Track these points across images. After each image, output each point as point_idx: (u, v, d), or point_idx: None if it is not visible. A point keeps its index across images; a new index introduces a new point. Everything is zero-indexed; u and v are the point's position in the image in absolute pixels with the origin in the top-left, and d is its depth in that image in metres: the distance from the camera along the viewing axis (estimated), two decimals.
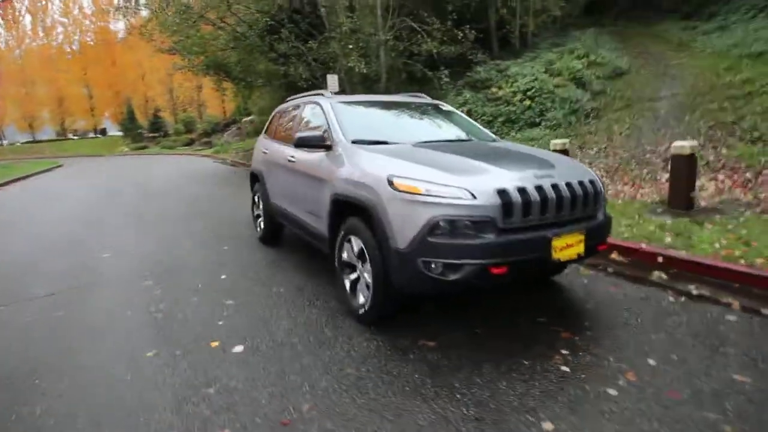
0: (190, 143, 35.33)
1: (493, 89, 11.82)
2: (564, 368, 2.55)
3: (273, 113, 5.71)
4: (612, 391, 2.34)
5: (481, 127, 4.47)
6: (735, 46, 12.23)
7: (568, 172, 3.02)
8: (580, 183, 2.94)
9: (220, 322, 3.30)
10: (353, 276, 3.28)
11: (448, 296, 3.54)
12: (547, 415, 2.16)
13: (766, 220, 4.66)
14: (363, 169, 3.12)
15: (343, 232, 3.28)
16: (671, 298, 3.50)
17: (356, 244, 3.14)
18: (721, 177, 6.19)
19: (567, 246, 2.78)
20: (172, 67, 18.37)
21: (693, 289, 3.65)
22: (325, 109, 4.03)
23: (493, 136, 4.30)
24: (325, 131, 3.76)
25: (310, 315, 3.38)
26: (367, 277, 3.05)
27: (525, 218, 2.68)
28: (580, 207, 2.92)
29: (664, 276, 3.96)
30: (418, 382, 2.46)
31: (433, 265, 2.64)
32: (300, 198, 4.13)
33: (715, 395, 2.28)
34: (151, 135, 38.36)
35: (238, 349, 2.90)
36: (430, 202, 2.65)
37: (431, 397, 2.31)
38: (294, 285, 4.03)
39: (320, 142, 3.64)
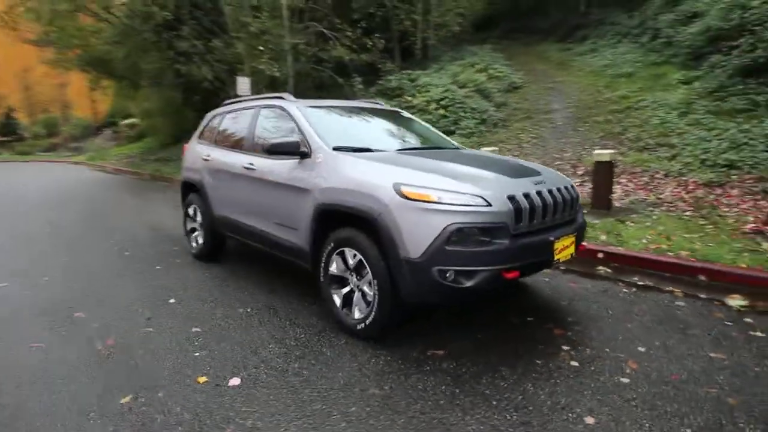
0: (51, 149, 31.14)
1: (407, 98, 12.14)
2: (573, 363, 2.68)
3: (208, 117, 5.23)
4: (625, 380, 2.50)
5: (440, 134, 4.55)
6: (608, 66, 14.00)
7: (553, 178, 3.20)
8: (566, 188, 3.13)
9: (196, 354, 2.90)
10: (345, 290, 3.12)
11: (455, 304, 3.52)
12: (583, 409, 2.24)
13: (676, 217, 5.40)
14: (357, 177, 2.98)
15: (332, 244, 3.10)
16: (624, 290, 3.87)
17: (351, 256, 2.99)
18: (623, 180, 7.03)
19: (564, 248, 2.93)
20: (40, 60, 16.02)
21: (638, 281, 4.08)
22: (293, 113, 3.78)
23: (454, 143, 4.40)
24: (298, 138, 3.52)
25: (298, 335, 3.13)
26: (368, 289, 2.92)
27: (531, 223, 2.78)
28: (569, 210, 3.11)
29: (609, 270, 4.38)
30: (447, 393, 2.40)
31: (448, 274, 2.60)
32: (264, 209, 3.83)
33: (706, 373, 2.56)
34: (2, 139, 33.02)
35: (235, 382, 2.57)
36: (444, 210, 2.62)
37: (469, 408, 2.27)
38: (262, 304, 3.71)
39: (296, 149, 3.41)
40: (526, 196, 2.78)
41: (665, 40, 12.95)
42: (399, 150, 3.54)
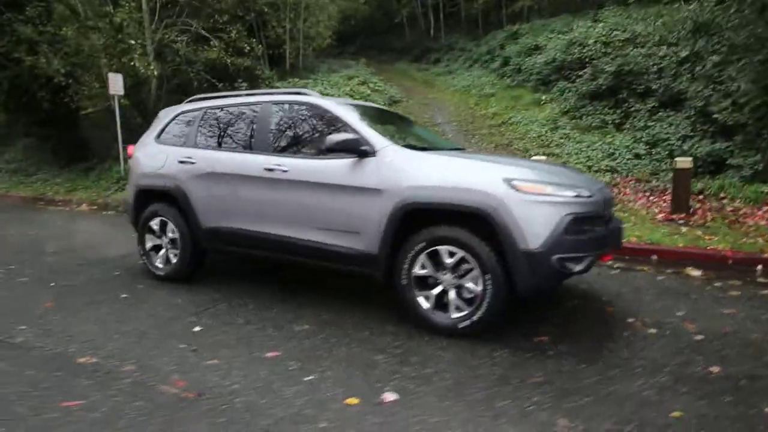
0: None
1: None
2: (651, 330, 3.08)
3: (168, 115, 4.49)
4: (698, 336, 2.97)
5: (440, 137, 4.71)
6: (470, 87, 15.73)
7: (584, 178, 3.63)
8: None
9: (312, 377, 2.52)
10: (436, 290, 3.04)
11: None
12: (696, 363, 2.62)
13: None
14: (453, 174, 2.98)
15: (423, 244, 3.01)
16: (610, 272, 4.53)
17: (447, 254, 2.96)
18: None
19: None
20: None
21: (612, 264, 4.80)
22: (333, 110, 3.54)
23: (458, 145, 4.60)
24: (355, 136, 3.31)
25: (395, 347, 2.92)
26: (472, 286, 2.91)
27: (609, 213, 3.13)
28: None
29: None
30: (580, 368, 2.56)
31: (565, 261, 2.78)
32: (301, 215, 3.49)
33: (738, 323, 3.20)
34: None
35: (391, 397, 2.32)
36: (559, 201, 2.81)
37: (603, 371, 2.48)
38: (315, 320, 3.35)
39: (357, 147, 3.21)
40: (600, 189, 3.13)
41: (515, 67, 15.05)
42: (450, 150, 3.60)
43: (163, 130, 4.45)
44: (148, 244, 4.40)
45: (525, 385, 2.43)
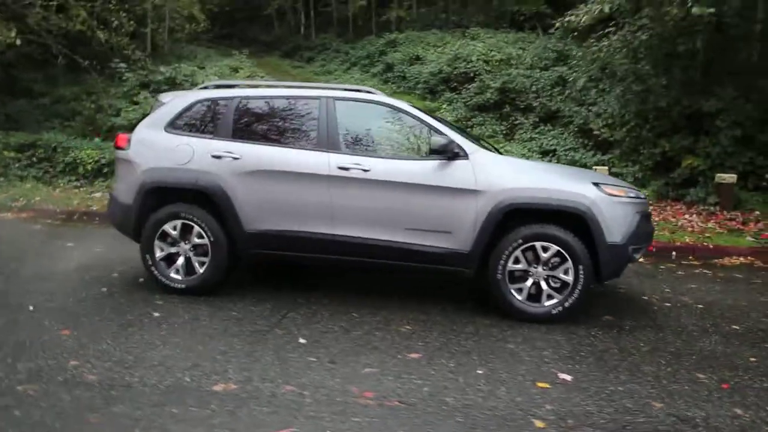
0: None
1: None
2: (665, 303, 3.90)
3: (187, 100, 3.91)
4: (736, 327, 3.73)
5: None
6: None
7: None
8: None
9: (482, 371, 2.63)
10: (529, 282, 3.39)
11: None
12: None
13: None
14: (547, 178, 3.41)
15: (520, 241, 3.33)
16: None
17: (542, 249, 3.33)
18: None
19: None
20: None
21: None
22: (411, 112, 3.62)
23: None
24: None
25: (512, 336, 3.20)
26: (565, 277, 3.33)
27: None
28: None
29: None
30: (659, 346, 3.21)
31: (634, 251, 3.40)
32: (387, 216, 3.50)
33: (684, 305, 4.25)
34: None
35: (568, 377, 2.60)
36: (631, 201, 3.43)
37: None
38: (408, 320, 3.40)
39: (453, 150, 3.37)
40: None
41: (400, 74, 15.98)
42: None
43: (177, 117, 3.86)
44: (159, 253, 3.78)
45: (628, 350, 2.98)
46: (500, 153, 4.46)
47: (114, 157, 4.24)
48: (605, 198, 3.36)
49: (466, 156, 3.46)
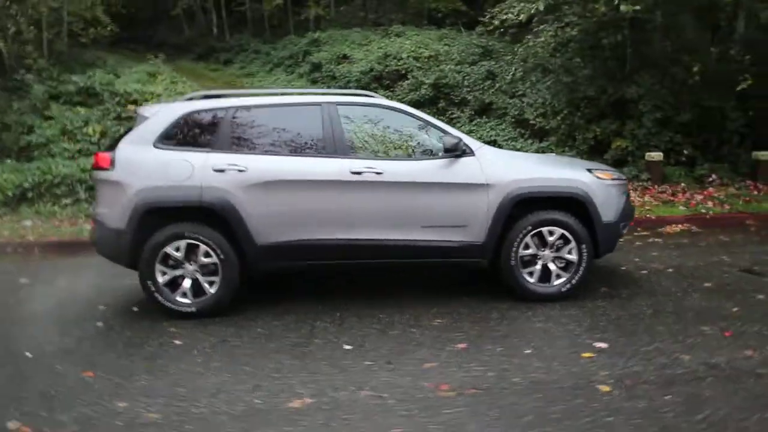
0: None
1: (130, 107, 10.09)
2: (642, 271, 4.38)
3: (176, 113, 3.68)
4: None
5: None
6: (285, 87, 15.85)
7: None
8: None
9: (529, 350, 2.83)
10: (539, 265, 3.66)
11: None
12: None
13: None
14: (548, 168, 3.73)
15: (529, 227, 3.58)
16: None
17: (548, 233, 3.61)
18: None
19: None
20: None
21: None
22: (413, 113, 3.77)
23: None
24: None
25: (543, 314, 3.44)
26: (570, 256, 3.64)
27: None
28: None
29: None
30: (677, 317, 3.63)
31: (623, 228, 3.81)
32: (403, 216, 3.59)
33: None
34: None
35: (604, 344, 2.88)
36: (618, 183, 3.83)
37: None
38: (433, 314, 3.52)
39: (461, 148, 3.54)
40: None
41: (329, 74, 15.93)
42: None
43: (167, 132, 3.63)
44: (162, 278, 3.55)
45: (637, 315, 3.36)
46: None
47: (93, 179, 3.89)
48: (598, 182, 3.72)
49: (472, 153, 3.64)
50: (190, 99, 3.92)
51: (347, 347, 3.03)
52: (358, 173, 3.55)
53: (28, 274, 5.03)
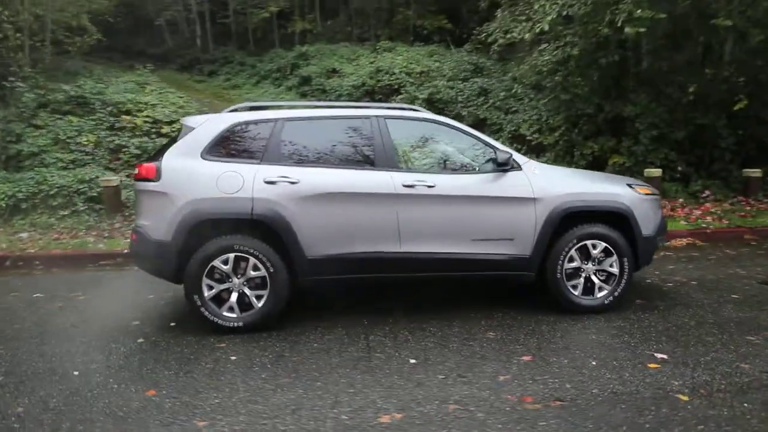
0: None
1: (125, 117, 9.84)
2: (648, 280, 4.54)
3: (223, 125, 3.64)
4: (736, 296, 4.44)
5: None
6: (273, 100, 15.78)
7: None
8: None
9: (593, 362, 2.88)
10: (582, 278, 3.75)
11: None
12: None
13: None
14: (591, 183, 3.89)
15: (575, 241, 3.67)
16: None
17: (592, 246, 3.71)
18: None
19: None
20: None
21: None
22: (460, 127, 3.86)
23: None
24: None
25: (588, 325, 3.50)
26: (612, 269, 3.75)
27: None
28: None
29: None
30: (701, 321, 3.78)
31: (660, 241, 3.95)
32: (453, 229, 3.63)
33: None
34: None
35: (663, 355, 2.95)
36: (654, 198, 3.97)
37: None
38: (485, 326, 3.56)
39: (510, 162, 3.62)
40: None
41: (319, 87, 15.96)
42: None
43: (214, 143, 3.56)
44: (208, 292, 3.46)
45: (683, 326, 3.48)
46: None
47: (136, 190, 3.77)
48: (638, 197, 3.86)
49: (519, 167, 3.72)
50: (235, 110, 3.88)
51: (413, 361, 3.01)
52: (411, 186, 3.58)
53: (41, 289, 4.80)
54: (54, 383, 2.82)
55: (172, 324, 3.75)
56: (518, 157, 3.79)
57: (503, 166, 3.63)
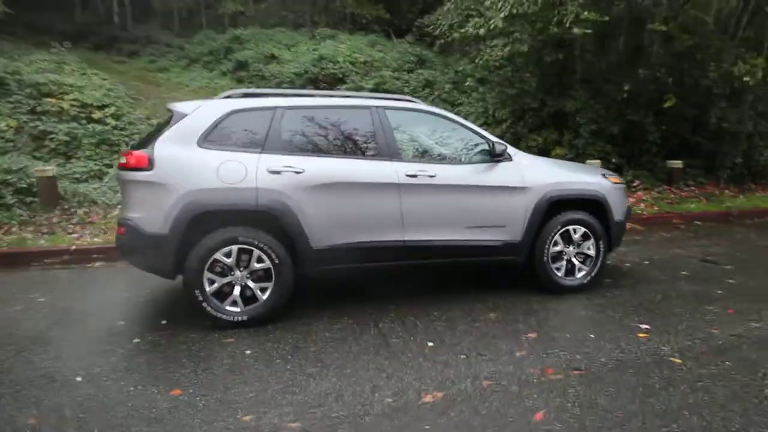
0: None
1: (48, 100, 8.89)
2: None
3: (219, 112, 3.48)
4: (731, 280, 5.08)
5: None
6: (213, 89, 15.05)
7: None
8: None
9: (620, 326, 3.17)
10: (563, 262, 4.07)
11: None
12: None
13: None
14: (573, 173, 4.21)
15: (559, 227, 3.97)
16: None
17: (573, 231, 4.03)
18: None
19: None
20: None
21: None
22: (455, 119, 3.99)
23: None
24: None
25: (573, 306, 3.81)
26: (590, 251, 4.10)
27: None
28: None
29: None
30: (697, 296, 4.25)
31: (626, 225, 4.38)
32: (449, 217, 3.78)
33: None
34: None
35: (645, 326, 3.32)
36: (623, 186, 4.39)
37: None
38: (485, 309, 3.75)
39: (506, 153, 3.82)
40: None
41: (257, 74, 15.44)
42: None
43: (211, 131, 3.39)
44: (210, 287, 3.32)
45: (653, 301, 3.91)
46: None
47: (122, 180, 3.47)
48: (611, 185, 4.24)
49: (510, 158, 3.94)
50: (228, 97, 3.71)
51: (430, 344, 3.13)
52: (413, 176, 3.66)
53: None
54: (58, 390, 2.60)
55: (164, 322, 3.55)
56: (509, 148, 4.01)
57: (498, 157, 3.84)
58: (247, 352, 3.06)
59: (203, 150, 3.39)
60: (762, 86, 7.47)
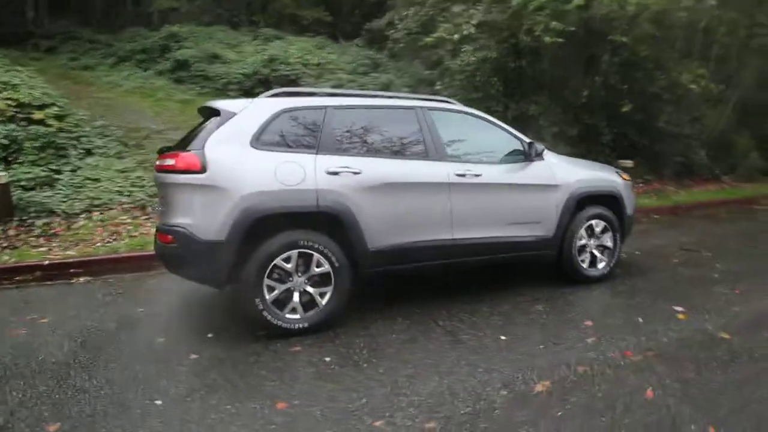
0: None
1: None
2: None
3: (269, 111, 3.32)
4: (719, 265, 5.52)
5: None
6: (151, 90, 14.08)
7: None
8: None
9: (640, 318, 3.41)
10: (588, 253, 4.33)
11: None
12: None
13: None
14: (593, 171, 4.50)
15: (585, 221, 4.22)
16: None
17: (596, 225, 4.30)
18: None
19: None
20: None
21: None
22: (494, 121, 4.09)
23: None
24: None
25: (601, 295, 4.05)
26: (608, 243, 4.39)
27: None
28: None
29: None
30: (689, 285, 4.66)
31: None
32: (493, 215, 3.91)
33: None
34: None
35: (679, 308, 3.62)
36: (631, 183, 4.76)
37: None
38: (529, 302, 3.90)
39: (542, 154, 4.01)
40: None
41: (200, 74, 14.68)
42: None
43: (262, 131, 3.20)
44: (270, 294, 3.14)
45: (669, 287, 4.28)
46: None
47: (165, 184, 3.16)
48: (624, 182, 4.60)
49: (541, 157, 4.13)
50: (275, 96, 3.53)
51: (503, 337, 3.20)
52: (462, 176, 3.72)
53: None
54: (144, 419, 2.33)
55: (210, 335, 3.29)
56: (539, 146, 4.20)
57: (534, 157, 4.02)
58: (327, 359, 2.93)
59: (258, 151, 3.20)
60: (702, 94, 8.45)
